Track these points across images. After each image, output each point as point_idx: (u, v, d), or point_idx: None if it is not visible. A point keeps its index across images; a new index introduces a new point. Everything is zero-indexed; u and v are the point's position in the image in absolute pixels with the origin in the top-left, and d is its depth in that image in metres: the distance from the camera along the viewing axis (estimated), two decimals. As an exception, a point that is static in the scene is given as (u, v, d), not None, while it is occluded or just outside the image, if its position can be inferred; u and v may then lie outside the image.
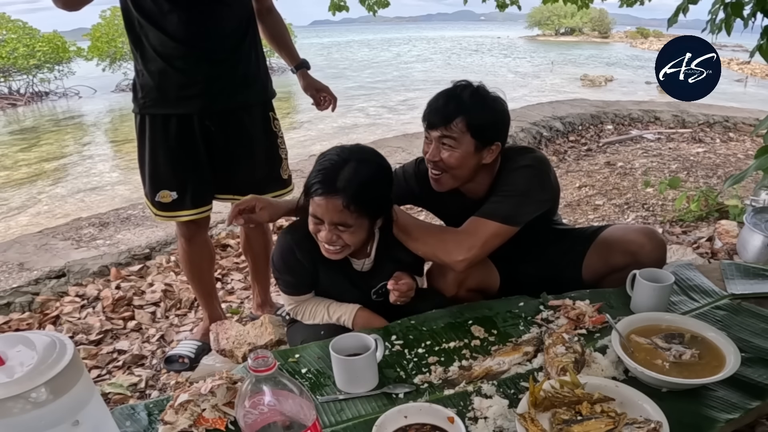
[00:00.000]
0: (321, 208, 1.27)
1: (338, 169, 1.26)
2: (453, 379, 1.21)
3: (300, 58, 2.02)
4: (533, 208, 1.49)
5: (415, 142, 5.01)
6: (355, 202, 1.24)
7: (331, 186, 1.25)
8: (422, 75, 17.78)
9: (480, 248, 1.44)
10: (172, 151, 1.70)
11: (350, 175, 1.25)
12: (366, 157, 1.33)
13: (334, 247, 1.31)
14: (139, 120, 1.71)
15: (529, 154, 1.53)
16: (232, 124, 1.74)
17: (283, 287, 1.51)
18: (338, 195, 1.24)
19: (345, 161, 1.28)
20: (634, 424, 0.96)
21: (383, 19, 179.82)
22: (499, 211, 1.44)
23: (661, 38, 34.61)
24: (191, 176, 1.74)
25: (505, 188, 1.47)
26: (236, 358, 1.90)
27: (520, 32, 56.46)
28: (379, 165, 1.34)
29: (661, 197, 3.60)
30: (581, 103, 6.70)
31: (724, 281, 1.60)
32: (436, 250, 1.45)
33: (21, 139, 9.70)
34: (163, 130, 1.68)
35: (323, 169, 1.28)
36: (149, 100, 1.66)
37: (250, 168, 1.82)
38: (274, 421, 0.86)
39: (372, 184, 1.29)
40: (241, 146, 1.78)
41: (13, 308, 2.38)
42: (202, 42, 1.63)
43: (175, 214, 1.77)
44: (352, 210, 1.25)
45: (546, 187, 1.54)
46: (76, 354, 0.71)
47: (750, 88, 13.67)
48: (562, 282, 1.58)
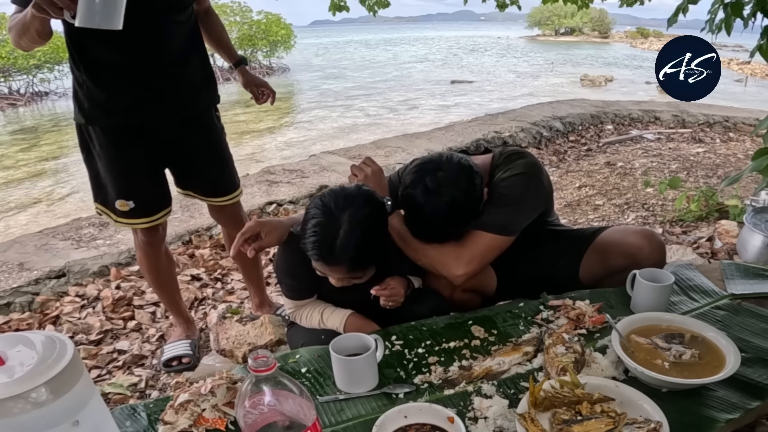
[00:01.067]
0: (326, 270, 1.27)
1: (333, 239, 1.19)
2: (453, 379, 1.21)
3: (238, 55, 2.03)
4: (528, 215, 1.50)
5: (415, 142, 5.02)
6: (358, 266, 1.25)
7: (330, 257, 1.22)
8: (422, 75, 17.78)
9: (479, 261, 1.44)
10: (124, 161, 1.68)
11: (346, 244, 1.19)
12: (357, 213, 1.22)
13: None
14: (85, 131, 1.67)
15: (520, 160, 1.50)
16: (187, 131, 1.76)
17: (285, 291, 1.49)
18: (340, 265, 1.23)
19: (337, 227, 1.20)
20: (634, 424, 0.97)
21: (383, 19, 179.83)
22: (495, 222, 1.43)
23: (661, 38, 34.62)
24: (147, 185, 1.75)
25: (499, 198, 1.46)
26: (236, 358, 1.90)
27: (520, 32, 56.45)
28: (371, 217, 1.25)
29: (661, 197, 3.60)
30: (581, 103, 6.70)
31: (724, 281, 1.60)
32: (435, 264, 1.45)
33: (21, 139, 9.69)
34: (115, 141, 1.66)
35: (317, 241, 1.21)
36: (98, 111, 1.62)
37: (209, 171, 1.86)
38: (274, 421, 0.86)
39: (371, 242, 1.24)
40: (198, 152, 1.81)
41: (13, 308, 2.38)
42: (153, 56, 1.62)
43: (134, 221, 1.77)
44: (357, 270, 1.26)
45: (539, 191, 1.54)
46: (76, 354, 0.71)
47: (750, 88, 13.68)
48: (559, 284, 1.57)
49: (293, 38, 20.44)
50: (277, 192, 3.65)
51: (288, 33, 19.87)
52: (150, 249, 1.87)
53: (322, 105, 11.95)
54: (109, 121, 1.64)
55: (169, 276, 2.01)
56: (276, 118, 10.65)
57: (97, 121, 1.64)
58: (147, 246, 1.86)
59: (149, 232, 1.82)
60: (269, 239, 1.41)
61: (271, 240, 1.41)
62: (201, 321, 2.29)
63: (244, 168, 5.72)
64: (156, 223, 1.80)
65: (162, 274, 1.96)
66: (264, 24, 18.99)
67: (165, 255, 1.95)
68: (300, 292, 1.47)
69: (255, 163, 6.69)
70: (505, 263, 1.67)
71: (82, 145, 1.71)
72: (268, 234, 1.40)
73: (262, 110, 10.23)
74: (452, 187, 1.34)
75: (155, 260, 1.90)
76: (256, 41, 18.62)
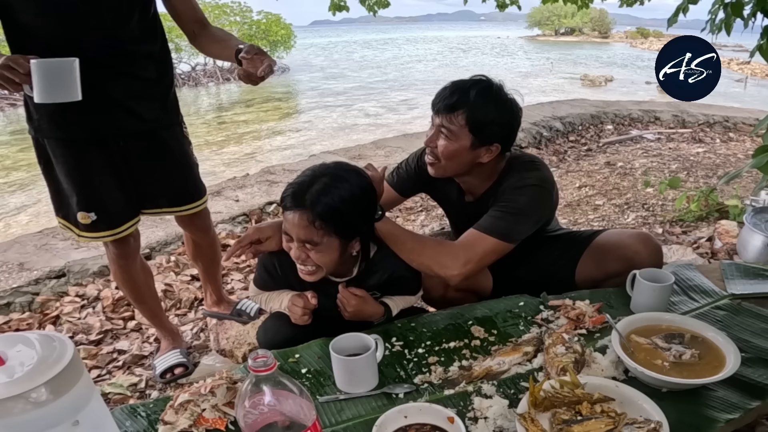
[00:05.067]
0: (289, 223, 1.24)
1: (310, 184, 1.23)
2: (453, 379, 1.21)
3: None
4: (531, 227, 1.49)
5: (415, 143, 5.01)
6: (321, 218, 1.20)
7: (300, 200, 1.22)
8: (422, 75, 17.79)
9: (476, 263, 1.43)
10: (83, 173, 1.60)
11: (319, 191, 1.21)
12: (342, 175, 1.27)
13: (306, 267, 1.29)
14: (41, 143, 1.59)
15: (536, 172, 1.50)
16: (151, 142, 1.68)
17: (257, 280, 1.49)
18: (305, 210, 1.21)
19: (318, 177, 1.24)
20: (634, 424, 0.97)
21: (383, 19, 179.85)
22: (499, 227, 1.43)
23: (661, 38, 34.62)
24: (108, 196, 1.65)
25: (508, 204, 1.46)
26: (236, 358, 1.91)
27: (521, 32, 56.47)
28: (355, 185, 1.27)
29: (661, 197, 3.60)
30: (581, 103, 6.70)
31: (724, 281, 1.60)
32: (431, 263, 1.43)
33: (21, 139, 9.69)
34: (72, 153, 1.58)
35: (295, 183, 1.25)
36: (52, 124, 1.54)
37: (175, 180, 1.77)
38: (274, 421, 0.86)
39: (342, 202, 1.22)
40: (162, 162, 1.71)
41: (13, 308, 2.38)
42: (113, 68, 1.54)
43: (98, 234, 1.67)
44: (317, 226, 1.21)
45: (547, 206, 1.56)
46: (76, 354, 0.71)
47: (750, 88, 13.68)
48: (555, 286, 1.57)
49: (293, 38, 20.46)
50: (277, 192, 3.65)
51: (288, 33, 19.89)
52: (123, 262, 1.78)
53: (322, 105, 11.95)
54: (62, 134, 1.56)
55: (147, 288, 1.92)
56: (276, 118, 10.66)
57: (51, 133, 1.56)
58: (119, 259, 1.77)
59: (119, 244, 1.73)
60: (269, 244, 1.40)
61: (271, 244, 1.40)
62: (201, 321, 2.29)
63: (244, 168, 5.72)
64: (122, 235, 1.70)
65: (139, 287, 1.88)
66: (264, 24, 19.01)
67: (140, 267, 1.87)
68: (269, 288, 1.48)
69: (255, 163, 6.69)
70: (501, 264, 1.67)
71: (39, 157, 1.62)
72: (269, 239, 1.40)
73: (262, 110, 10.22)
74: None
75: (129, 274, 1.82)
76: (256, 41, 18.62)
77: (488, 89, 1.45)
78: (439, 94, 1.47)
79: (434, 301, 1.66)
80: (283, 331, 1.41)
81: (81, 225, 1.64)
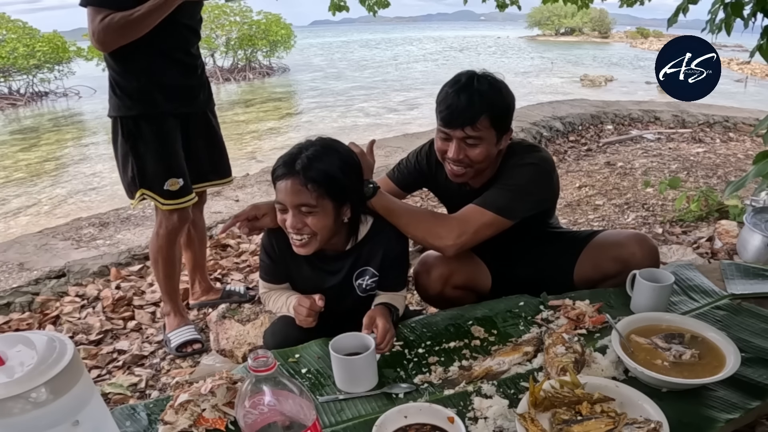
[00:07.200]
0: (282, 192, 1.28)
1: (299, 153, 1.28)
2: (453, 379, 1.21)
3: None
4: (531, 206, 1.49)
5: (415, 142, 5.00)
6: (313, 180, 1.24)
7: (291, 167, 1.26)
8: (422, 75, 17.79)
9: (471, 235, 1.43)
10: (172, 143, 1.87)
11: (310, 157, 1.27)
12: (331, 144, 1.34)
13: (301, 236, 1.30)
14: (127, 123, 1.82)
15: (536, 153, 1.53)
16: (206, 122, 2.02)
17: (262, 272, 1.51)
18: (297, 175, 1.25)
19: (308, 146, 1.30)
20: (634, 424, 0.96)
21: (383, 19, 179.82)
22: (497, 202, 1.44)
23: (661, 38, 34.58)
24: (186, 164, 1.93)
25: (508, 181, 1.47)
26: (236, 358, 1.91)
27: (520, 32, 56.42)
28: (343, 152, 1.34)
29: (661, 197, 3.60)
30: (581, 103, 6.70)
31: (724, 281, 1.60)
32: (426, 234, 1.44)
33: (21, 139, 9.70)
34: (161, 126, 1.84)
35: (285, 155, 1.31)
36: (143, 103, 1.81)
37: (217, 158, 2.10)
38: (274, 421, 0.86)
39: (331, 166, 1.28)
40: (213, 141, 2.06)
41: (13, 308, 2.38)
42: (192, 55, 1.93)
43: (183, 200, 1.91)
44: (311, 189, 1.24)
45: (547, 187, 1.54)
46: (76, 354, 0.71)
47: (750, 88, 13.67)
48: (553, 286, 1.57)
49: (293, 38, 20.45)
50: (277, 192, 3.64)
51: (288, 33, 19.87)
52: (175, 236, 1.97)
53: (322, 105, 11.96)
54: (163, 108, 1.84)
55: (179, 264, 2.09)
56: (276, 118, 10.65)
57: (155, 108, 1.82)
58: (176, 232, 1.96)
59: (184, 213, 1.94)
60: (265, 220, 1.43)
61: (266, 221, 1.42)
62: (201, 321, 2.29)
63: (244, 168, 5.72)
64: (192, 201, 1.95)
65: (175, 263, 2.04)
66: (264, 24, 18.99)
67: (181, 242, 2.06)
68: (274, 275, 1.49)
69: (255, 163, 6.69)
70: (500, 262, 1.67)
71: (126, 135, 1.82)
72: (265, 216, 1.43)
73: (262, 110, 10.23)
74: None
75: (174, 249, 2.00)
76: (256, 41, 18.63)
77: (492, 82, 1.45)
78: (453, 107, 1.41)
79: (434, 299, 1.66)
80: (292, 334, 1.41)
81: (166, 193, 1.87)
